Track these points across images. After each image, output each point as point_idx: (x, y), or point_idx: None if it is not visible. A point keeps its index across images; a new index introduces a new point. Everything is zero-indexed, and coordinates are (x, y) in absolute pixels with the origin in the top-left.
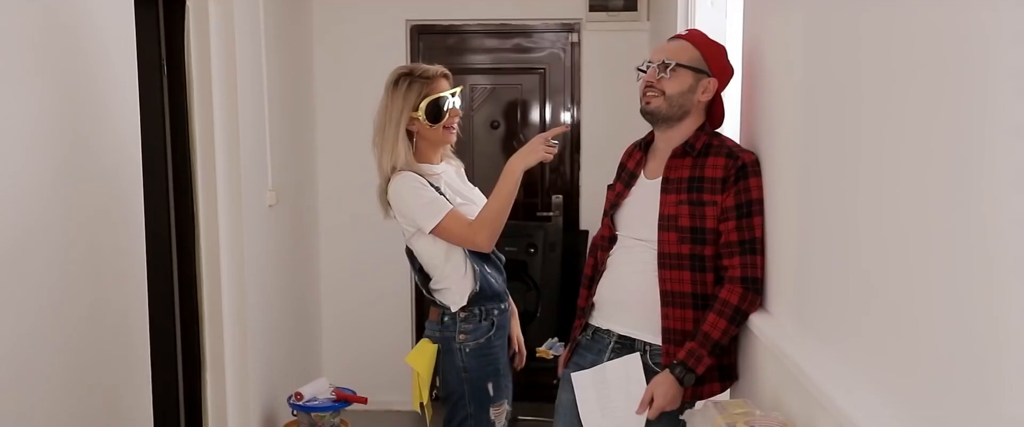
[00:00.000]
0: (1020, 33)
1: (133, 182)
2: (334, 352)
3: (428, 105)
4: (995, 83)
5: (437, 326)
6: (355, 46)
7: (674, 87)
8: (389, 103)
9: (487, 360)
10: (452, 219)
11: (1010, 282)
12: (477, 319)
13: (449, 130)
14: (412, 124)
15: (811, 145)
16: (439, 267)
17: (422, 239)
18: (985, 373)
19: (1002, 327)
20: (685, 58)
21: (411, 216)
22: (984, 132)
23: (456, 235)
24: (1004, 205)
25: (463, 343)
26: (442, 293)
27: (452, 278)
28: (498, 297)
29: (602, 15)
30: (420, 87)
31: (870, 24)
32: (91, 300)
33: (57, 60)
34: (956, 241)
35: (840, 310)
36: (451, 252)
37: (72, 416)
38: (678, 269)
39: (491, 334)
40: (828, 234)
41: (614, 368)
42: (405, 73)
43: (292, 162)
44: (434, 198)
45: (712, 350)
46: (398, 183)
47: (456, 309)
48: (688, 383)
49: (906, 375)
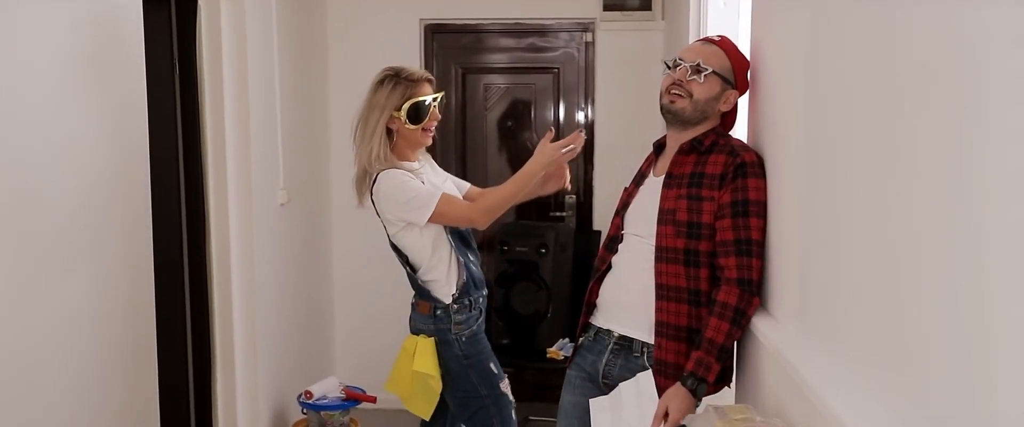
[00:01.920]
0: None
1: (140, 180)
2: (346, 351)
3: (410, 107)
4: (991, 88)
5: (429, 319)
6: (369, 45)
7: (703, 92)
8: (372, 99)
9: (482, 344)
10: (446, 203)
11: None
12: (467, 309)
13: (426, 132)
14: (392, 123)
15: (813, 147)
16: (426, 259)
17: (408, 233)
18: (978, 381)
19: (994, 334)
20: (718, 65)
21: (401, 212)
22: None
23: (453, 216)
24: (998, 211)
25: (459, 333)
26: (432, 285)
27: (439, 269)
28: (482, 284)
29: (616, 14)
30: (404, 89)
31: (871, 27)
32: (96, 298)
33: (62, 58)
34: (951, 248)
35: (838, 315)
36: (438, 245)
37: (75, 415)
38: (674, 263)
39: (481, 320)
40: (828, 237)
41: (628, 388)
42: (391, 74)
43: (305, 161)
44: (423, 189)
45: (719, 355)
46: (385, 180)
47: (449, 301)
48: (701, 394)
49: (902, 380)
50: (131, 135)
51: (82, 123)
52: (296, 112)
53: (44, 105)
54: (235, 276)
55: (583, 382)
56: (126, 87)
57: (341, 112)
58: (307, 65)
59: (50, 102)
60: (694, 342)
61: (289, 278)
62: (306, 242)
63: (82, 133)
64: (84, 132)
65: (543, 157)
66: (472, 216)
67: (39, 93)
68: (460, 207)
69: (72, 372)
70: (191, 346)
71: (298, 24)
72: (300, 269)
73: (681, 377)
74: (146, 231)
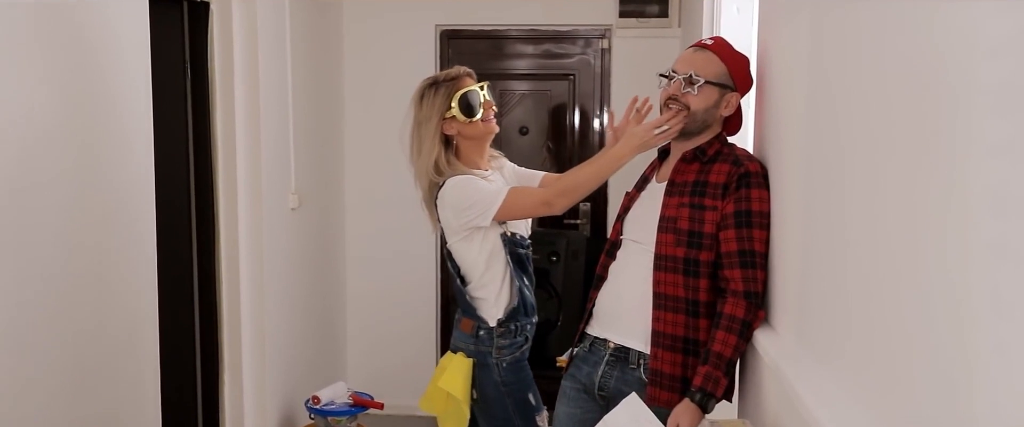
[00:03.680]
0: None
1: (144, 183)
2: (358, 357)
3: (460, 99)
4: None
5: (471, 339)
6: (384, 50)
7: (700, 103)
8: (420, 114)
9: (524, 372)
10: (514, 194)
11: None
12: (512, 335)
13: (488, 123)
14: (449, 128)
15: (811, 159)
16: (478, 274)
17: (468, 242)
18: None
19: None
20: (712, 74)
21: (466, 215)
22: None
23: (525, 205)
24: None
25: (499, 358)
26: (479, 303)
27: (490, 287)
28: (533, 311)
29: (632, 21)
30: (446, 89)
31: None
32: (95, 302)
33: (66, 61)
34: (940, 268)
35: (833, 331)
36: (493, 261)
37: (71, 418)
38: (673, 272)
39: (526, 347)
40: (826, 251)
41: (618, 416)
42: (429, 83)
43: (318, 166)
44: (489, 188)
45: (727, 369)
46: (450, 185)
47: (494, 324)
48: (710, 409)
49: (891, 400)
50: (133, 138)
51: (82, 123)
52: (309, 116)
53: (40, 107)
54: (244, 280)
55: (578, 394)
56: (129, 90)
57: (355, 116)
58: (321, 68)
59: (50, 102)
60: (690, 353)
61: (300, 282)
62: (318, 247)
63: (82, 133)
64: (84, 132)
65: (635, 140)
66: (548, 197)
67: (36, 95)
68: (531, 193)
69: (64, 374)
70: (200, 349)
71: (312, 27)
72: (311, 274)
73: (689, 393)
74: (149, 235)
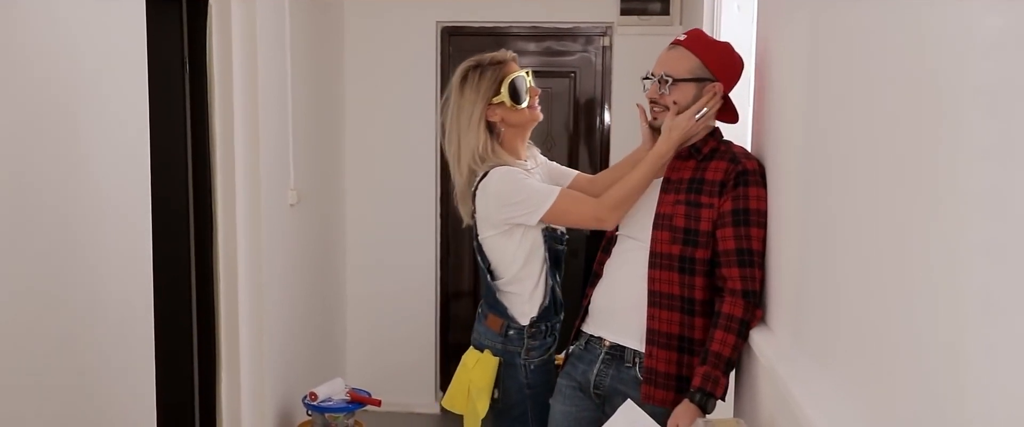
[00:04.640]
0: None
1: (139, 181)
2: (358, 354)
3: (509, 86)
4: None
5: (499, 338)
6: (385, 47)
7: (679, 101)
8: (462, 99)
9: (550, 375)
10: (567, 199)
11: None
12: (542, 335)
13: (533, 110)
14: (493, 114)
15: (808, 158)
16: (514, 271)
17: (506, 238)
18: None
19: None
20: (683, 70)
21: (511, 211)
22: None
23: (576, 214)
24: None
25: (528, 360)
26: (511, 299)
27: (525, 283)
28: (562, 308)
29: (634, 19)
30: (494, 72)
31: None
32: (89, 300)
33: (62, 57)
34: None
35: (827, 332)
36: (532, 258)
37: (66, 416)
38: (667, 270)
39: (553, 348)
40: (822, 251)
41: (615, 423)
42: (473, 65)
43: (318, 162)
44: (539, 186)
45: (726, 369)
46: (497, 176)
47: (525, 322)
48: (711, 409)
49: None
50: (128, 134)
51: (77, 121)
52: (309, 111)
53: (44, 105)
54: (242, 276)
55: (573, 392)
56: (124, 86)
57: (356, 112)
58: (321, 65)
59: (49, 102)
60: (685, 351)
61: (298, 279)
62: (317, 243)
63: (77, 130)
64: (79, 129)
65: (676, 133)
66: (600, 213)
67: (39, 93)
68: (584, 203)
69: (56, 373)
70: (197, 345)
71: (312, 23)
72: (310, 270)
73: (689, 393)
74: (144, 233)
